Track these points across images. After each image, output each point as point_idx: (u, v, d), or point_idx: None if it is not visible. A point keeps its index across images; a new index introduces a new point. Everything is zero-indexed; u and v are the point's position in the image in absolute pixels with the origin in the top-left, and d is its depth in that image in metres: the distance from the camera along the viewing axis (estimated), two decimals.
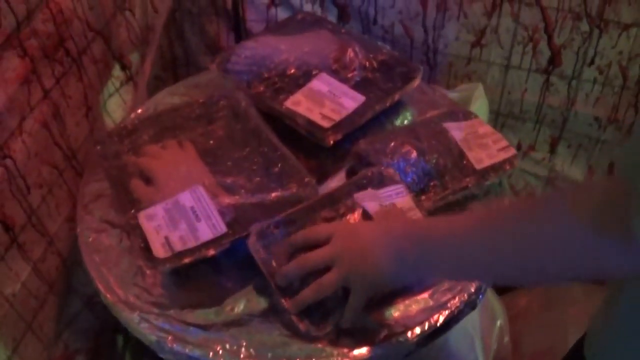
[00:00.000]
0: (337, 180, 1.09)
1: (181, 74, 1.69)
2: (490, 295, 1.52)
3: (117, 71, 1.31)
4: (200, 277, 0.97)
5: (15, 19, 1.00)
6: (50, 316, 1.20)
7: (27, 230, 1.11)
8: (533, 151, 1.57)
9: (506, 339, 1.52)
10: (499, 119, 1.54)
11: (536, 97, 1.49)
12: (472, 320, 1.32)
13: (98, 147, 1.09)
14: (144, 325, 0.91)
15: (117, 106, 1.32)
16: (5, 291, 1.06)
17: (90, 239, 1.03)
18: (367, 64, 1.23)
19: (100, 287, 0.97)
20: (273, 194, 1.00)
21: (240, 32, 1.50)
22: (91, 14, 1.21)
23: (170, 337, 0.89)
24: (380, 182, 1.02)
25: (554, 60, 1.42)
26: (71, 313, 1.26)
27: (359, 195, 0.99)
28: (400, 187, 1.01)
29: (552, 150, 1.55)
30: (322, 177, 1.10)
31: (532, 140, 1.56)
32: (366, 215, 0.97)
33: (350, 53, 1.23)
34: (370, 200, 0.99)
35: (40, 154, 1.12)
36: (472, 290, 0.94)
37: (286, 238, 0.93)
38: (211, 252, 0.93)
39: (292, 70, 1.21)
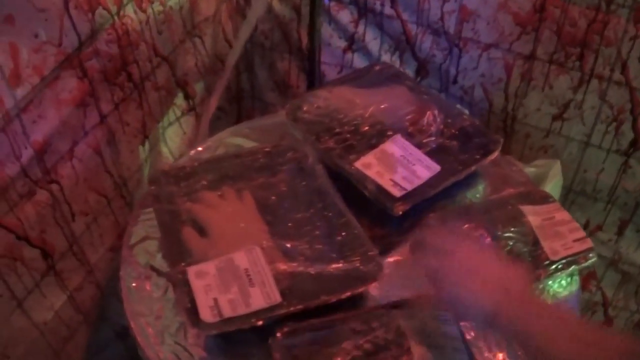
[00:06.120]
0: (400, 254, 1.02)
1: (245, 107, 1.63)
2: None
3: (179, 99, 1.25)
4: (246, 343, 0.89)
5: (78, 38, 0.95)
6: (80, 345, 1.16)
7: (67, 258, 1.06)
8: (600, 231, 1.49)
9: None
10: (570, 195, 1.46)
11: (612, 178, 1.41)
12: None
13: (152, 187, 1.03)
14: None
15: (176, 135, 1.26)
16: (36, 319, 1.01)
17: (134, 285, 0.97)
18: (445, 130, 1.15)
19: (139, 340, 0.91)
20: (333, 265, 0.93)
21: (314, 74, 1.42)
22: (159, 38, 1.15)
23: None
24: None
25: (636, 142, 1.34)
26: (101, 342, 1.21)
27: None
28: None
29: (620, 232, 1.47)
30: (386, 249, 1.02)
31: (601, 220, 1.48)
32: (400, 334, 0.89)
33: (428, 116, 1.15)
34: None
35: (89, 180, 1.07)
36: None
37: (313, 344, 0.86)
38: (260, 322, 0.86)
39: (366, 128, 1.14)
